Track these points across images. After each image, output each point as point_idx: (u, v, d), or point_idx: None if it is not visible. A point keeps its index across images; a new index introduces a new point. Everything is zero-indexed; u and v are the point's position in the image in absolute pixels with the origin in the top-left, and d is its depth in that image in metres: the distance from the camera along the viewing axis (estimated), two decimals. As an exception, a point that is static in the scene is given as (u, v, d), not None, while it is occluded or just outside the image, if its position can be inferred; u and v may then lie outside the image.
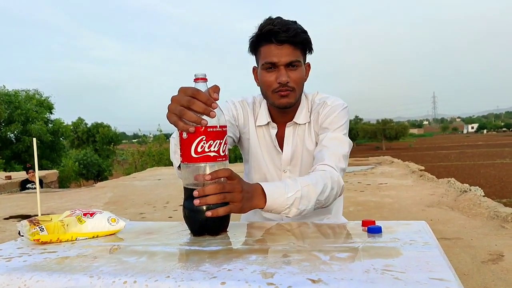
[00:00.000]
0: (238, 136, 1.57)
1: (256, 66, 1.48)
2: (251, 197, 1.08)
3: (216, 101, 1.01)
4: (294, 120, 1.50)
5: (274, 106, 1.46)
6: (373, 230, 0.99)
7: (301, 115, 1.50)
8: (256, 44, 1.42)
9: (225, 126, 1.04)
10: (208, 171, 1.01)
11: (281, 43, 1.35)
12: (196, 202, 0.99)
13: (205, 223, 1.03)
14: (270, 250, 0.90)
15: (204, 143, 1.00)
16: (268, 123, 1.52)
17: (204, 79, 1.03)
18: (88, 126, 34.27)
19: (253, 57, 1.48)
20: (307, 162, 1.50)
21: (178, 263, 0.83)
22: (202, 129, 0.99)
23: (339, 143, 1.40)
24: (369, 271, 0.72)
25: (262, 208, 1.12)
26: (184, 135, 1.00)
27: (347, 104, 1.49)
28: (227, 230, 1.08)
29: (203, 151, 1.00)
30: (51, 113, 25.42)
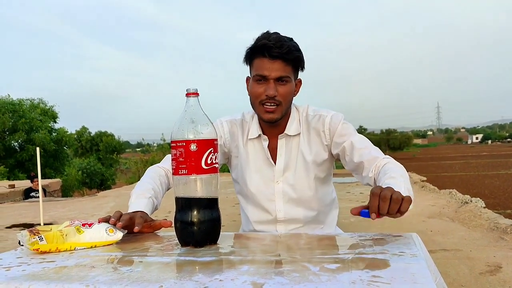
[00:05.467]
0: (226, 153, 1.61)
1: (250, 76, 1.52)
2: None
3: (206, 116, 1.09)
4: (285, 132, 1.53)
5: (260, 118, 1.52)
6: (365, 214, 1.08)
7: (292, 127, 1.54)
8: (251, 56, 1.47)
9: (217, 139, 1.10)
10: (213, 183, 1.08)
11: (273, 58, 1.41)
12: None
13: (192, 235, 1.07)
14: (262, 261, 0.92)
15: (212, 155, 1.06)
16: (259, 135, 1.55)
17: (196, 94, 1.08)
18: (91, 135, 34.30)
19: (248, 68, 1.53)
20: (301, 171, 1.53)
21: (171, 273, 0.86)
22: (214, 141, 1.07)
23: (367, 141, 1.50)
24: (356, 282, 0.74)
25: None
26: (193, 147, 1.03)
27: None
28: (218, 243, 1.11)
29: (212, 163, 1.06)
30: (55, 122, 25.50)
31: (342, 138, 1.50)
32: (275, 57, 1.40)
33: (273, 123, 1.49)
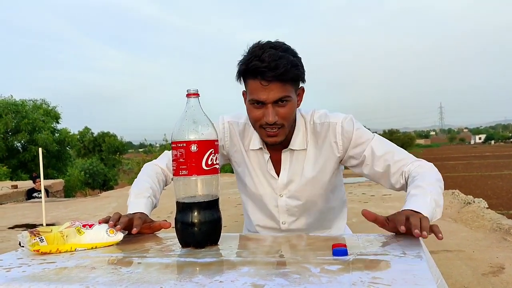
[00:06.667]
0: (225, 156, 1.55)
1: (245, 91, 1.39)
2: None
3: (207, 117, 1.09)
4: (289, 146, 1.43)
5: (262, 140, 1.43)
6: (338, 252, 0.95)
7: (296, 141, 1.43)
8: (243, 76, 1.34)
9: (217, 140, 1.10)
10: (214, 183, 1.08)
11: (268, 82, 1.27)
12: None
13: (193, 236, 1.07)
14: (263, 262, 0.92)
15: (212, 156, 1.06)
16: (260, 148, 1.46)
17: (196, 95, 1.08)
18: (94, 135, 34.34)
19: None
20: (307, 185, 1.45)
21: (172, 275, 0.85)
22: (215, 142, 1.07)
23: (387, 144, 1.40)
24: (356, 283, 0.74)
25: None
26: (194, 147, 1.03)
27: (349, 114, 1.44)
28: (218, 243, 1.10)
29: (212, 164, 1.06)
30: (58, 122, 25.57)
31: (360, 148, 1.39)
32: (271, 81, 1.26)
33: (277, 145, 1.40)
